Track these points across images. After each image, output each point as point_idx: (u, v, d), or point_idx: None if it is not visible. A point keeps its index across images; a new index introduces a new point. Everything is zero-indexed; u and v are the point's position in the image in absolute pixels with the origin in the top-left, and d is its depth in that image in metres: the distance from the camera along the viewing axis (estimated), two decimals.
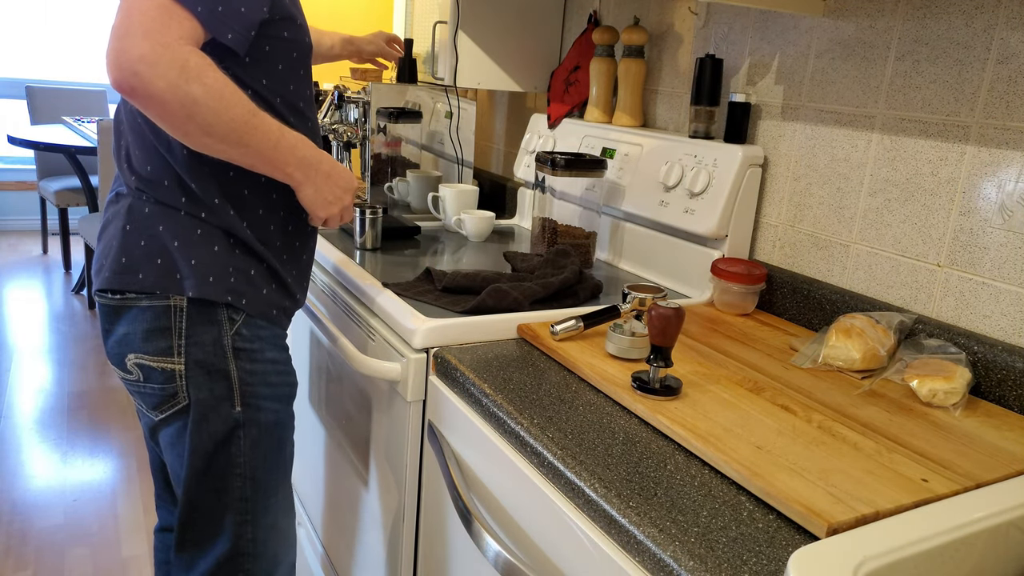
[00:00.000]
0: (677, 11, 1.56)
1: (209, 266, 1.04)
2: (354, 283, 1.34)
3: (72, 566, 2.01)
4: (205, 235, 1.05)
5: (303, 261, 1.18)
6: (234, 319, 1.06)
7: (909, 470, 0.80)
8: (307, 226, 1.17)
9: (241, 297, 1.06)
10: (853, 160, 1.22)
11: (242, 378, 1.08)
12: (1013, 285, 1.02)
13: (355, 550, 1.41)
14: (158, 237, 1.04)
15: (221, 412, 1.07)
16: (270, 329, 1.11)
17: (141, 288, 1.03)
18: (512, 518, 0.91)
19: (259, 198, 1.09)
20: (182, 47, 0.90)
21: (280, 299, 1.12)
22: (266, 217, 1.10)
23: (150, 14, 0.88)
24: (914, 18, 1.12)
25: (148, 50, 0.87)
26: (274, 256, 1.11)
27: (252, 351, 1.09)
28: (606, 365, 1.02)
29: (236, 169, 1.05)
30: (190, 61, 0.90)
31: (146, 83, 0.88)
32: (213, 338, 1.05)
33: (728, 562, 0.66)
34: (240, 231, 1.06)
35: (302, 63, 1.09)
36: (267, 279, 1.10)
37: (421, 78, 2.15)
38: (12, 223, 5.25)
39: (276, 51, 1.04)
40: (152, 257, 1.03)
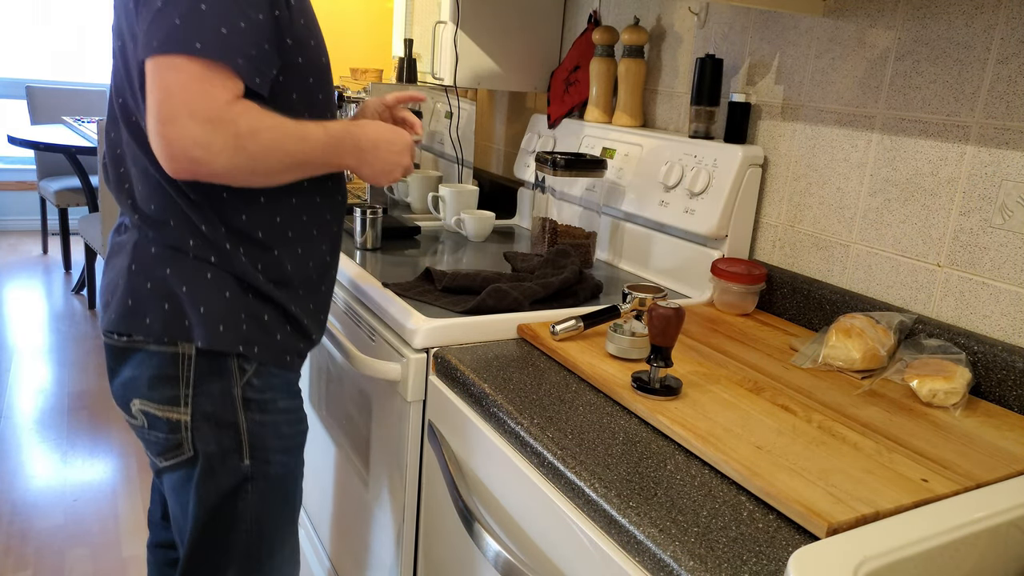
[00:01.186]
0: (677, 11, 1.56)
1: (219, 314, 0.98)
2: (354, 283, 1.34)
3: (72, 566, 2.01)
4: (215, 280, 0.98)
5: (322, 294, 1.11)
6: (245, 369, 1.00)
7: (909, 470, 0.80)
8: (327, 256, 1.10)
9: (253, 346, 1.00)
10: (853, 160, 1.22)
11: (252, 430, 1.02)
12: (1013, 285, 1.02)
13: (355, 550, 1.41)
14: (165, 281, 0.98)
15: (228, 465, 1.02)
16: (283, 376, 1.06)
17: (148, 333, 0.98)
18: (512, 518, 0.91)
19: (274, 238, 1.02)
20: (229, 113, 0.86)
21: (295, 342, 1.06)
22: (282, 256, 1.03)
23: (192, 88, 0.84)
24: (914, 18, 1.12)
25: (200, 133, 0.84)
26: (290, 297, 1.04)
27: (263, 402, 1.03)
28: (606, 365, 1.02)
29: (248, 210, 0.99)
30: (241, 127, 0.87)
31: (206, 165, 0.86)
32: (222, 389, 0.99)
33: (728, 562, 0.66)
34: (251, 276, 1.00)
35: (320, 87, 1.02)
36: (281, 323, 1.04)
37: (421, 78, 2.15)
38: (12, 223, 5.25)
39: (290, 81, 0.98)
40: (159, 301, 0.98)
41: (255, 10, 0.88)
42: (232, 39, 0.86)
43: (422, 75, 2.12)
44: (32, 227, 5.30)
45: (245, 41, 0.87)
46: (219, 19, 0.85)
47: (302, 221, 1.04)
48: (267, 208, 1.00)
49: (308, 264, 1.06)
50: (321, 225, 1.08)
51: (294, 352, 1.06)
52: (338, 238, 1.13)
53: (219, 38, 0.85)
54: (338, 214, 1.12)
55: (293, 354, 1.06)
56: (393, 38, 2.35)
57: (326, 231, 1.09)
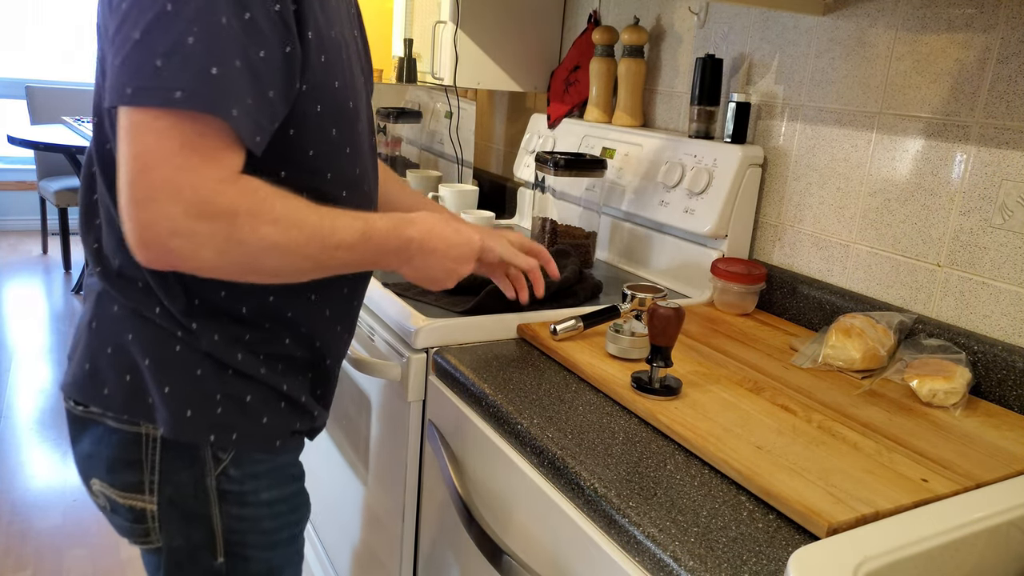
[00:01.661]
0: (677, 11, 1.56)
1: (187, 396, 0.80)
2: None
3: (71, 567, 2.01)
4: (185, 354, 0.81)
5: (326, 367, 0.93)
6: (220, 457, 0.84)
7: (909, 470, 0.80)
8: (340, 331, 0.92)
9: (230, 432, 0.83)
10: (853, 160, 1.22)
11: (227, 525, 0.86)
12: (1013, 285, 1.02)
13: (355, 550, 1.41)
14: (126, 349, 0.81)
15: (200, 562, 0.87)
16: (270, 462, 0.88)
17: (107, 407, 0.82)
18: (512, 518, 0.91)
19: (265, 315, 0.84)
20: (223, 197, 0.67)
21: (288, 423, 0.88)
22: (274, 331, 0.85)
23: (174, 162, 0.65)
24: (914, 18, 1.12)
25: (182, 221, 0.66)
26: (281, 376, 0.86)
27: (242, 494, 0.86)
28: (606, 365, 1.02)
29: (229, 286, 0.81)
30: (239, 213, 0.68)
31: (187, 260, 0.68)
32: (193, 479, 0.83)
33: (728, 562, 0.66)
34: (228, 356, 0.82)
35: (347, 139, 0.82)
36: (269, 404, 0.86)
37: (421, 78, 2.15)
38: (12, 223, 5.25)
39: (303, 134, 0.78)
40: (120, 372, 0.81)
41: (257, 46, 0.68)
42: (224, 83, 0.66)
43: (422, 75, 2.12)
44: (32, 227, 5.30)
45: (241, 86, 0.67)
46: (209, 56, 0.65)
47: (308, 300, 0.87)
48: (255, 284, 0.82)
49: (314, 343, 0.89)
50: (334, 300, 0.90)
51: (286, 434, 0.88)
52: (356, 311, 0.95)
53: (207, 81, 0.65)
54: (358, 285, 0.94)
55: (285, 436, 0.88)
56: (393, 38, 2.35)
57: (340, 306, 0.91)
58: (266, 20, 0.69)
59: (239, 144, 0.69)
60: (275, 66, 0.70)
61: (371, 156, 0.91)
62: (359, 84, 0.85)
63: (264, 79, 0.69)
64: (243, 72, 0.67)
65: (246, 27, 0.67)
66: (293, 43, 0.71)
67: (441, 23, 1.84)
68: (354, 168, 0.85)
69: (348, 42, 0.83)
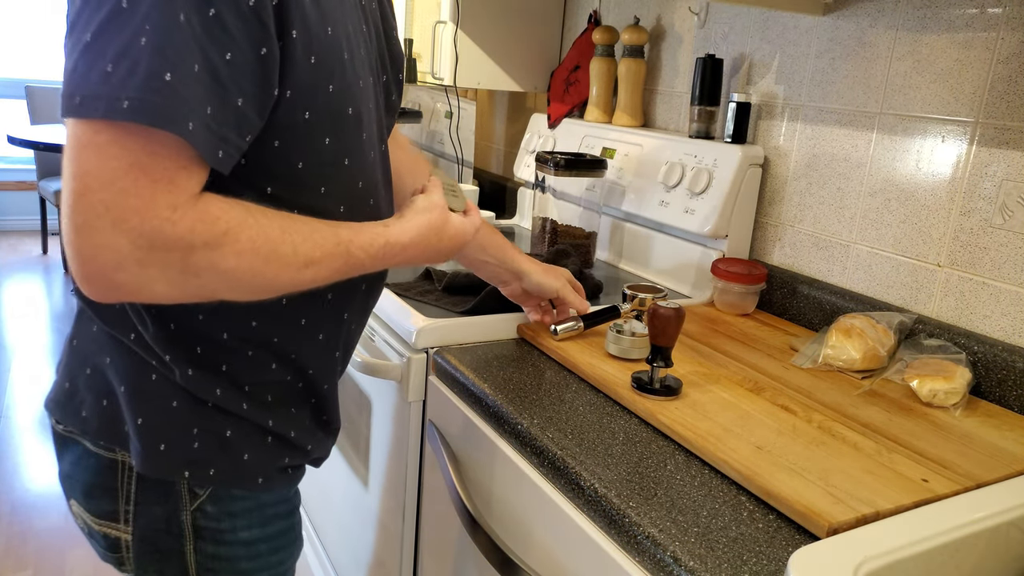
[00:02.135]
0: (677, 11, 1.56)
1: (161, 429, 0.74)
2: None
3: (72, 566, 2.01)
4: (159, 384, 0.74)
5: (323, 392, 0.85)
6: (196, 492, 0.78)
7: (909, 470, 0.80)
8: (336, 353, 0.84)
9: (206, 468, 0.76)
10: (853, 160, 1.22)
11: (201, 563, 0.80)
12: (1013, 285, 1.02)
13: (355, 550, 1.41)
14: (103, 372, 0.76)
15: None
16: (251, 500, 0.81)
17: (84, 430, 0.78)
18: (512, 518, 0.91)
19: (248, 340, 0.75)
20: (177, 224, 0.59)
21: (274, 459, 0.81)
22: (259, 357, 0.77)
23: (117, 184, 0.56)
24: (914, 18, 1.12)
25: (127, 252, 0.58)
26: (267, 411, 0.79)
27: (219, 532, 0.80)
28: (606, 365, 1.02)
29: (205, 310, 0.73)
30: (195, 246, 0.60)
31: (137, 293, 0.61)
32: (167, 514, 0.78)
33: (728, 562, 0.66)
34: (204, 390, 0.74)
35: (345, 147, 0.73)
36: (252, 439, 0.78)
37: (421, 78, 2.15)
38: (12, 223, 5.25)
39: (290, 145, 0.69)
40: (97, 395, 0.77)
41: (222, 48, 0.59)
42: (179, 91, 0.57)
43: (422, 75, 2.12)
44: (32, 227, 5.30)
45: (199, 94, 0.58)
46: (161, 59, 0.56)
47: (299, 326, 0.79)
48: (234, 308, 0.73)
49: (307, 370, 0.81)
50: (327, 321, 0.81)
51: (271, 471, 0.81)
52: (355, 333, 0.88)
53: (158, 89, 0.56)
54: (354, 303, 0.84)
55: (270, 473, 0.81)
56: None
57: (335, 326, 0.82)
58: (235, 18, 0.60)
59: (199, 162, 0.60)
60: (245, 71, 0.61)
61: (381, 166, 0.83)
62: (366, 86, 0.76)
63: (230, 86, 0.61)
64: (202, 78, 0.58)
65: (209, 26, 0.58)
66: (270, 44, 0.62)
67: (441, 23, 1.84)
68: (355, 182, 0.76)
69: (354, 40, 0.74)
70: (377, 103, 0.81)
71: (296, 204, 0.71)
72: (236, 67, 0.60)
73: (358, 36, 0.75)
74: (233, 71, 0.60)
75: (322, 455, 0.89)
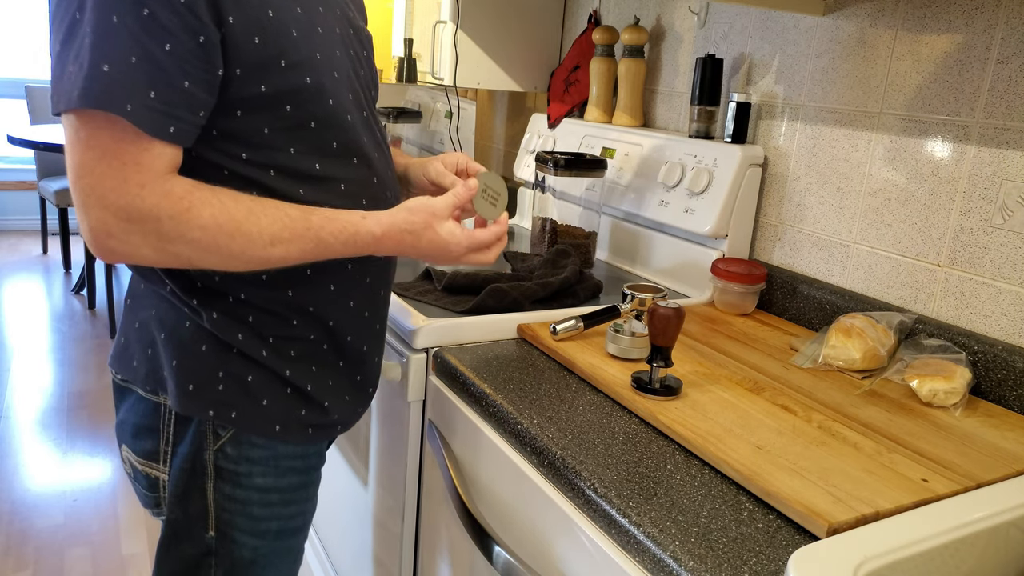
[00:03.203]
0: (677, 11, 1.56)
1: (191, 372, 0.84)
2: None
3: (72, 566, 2.01)
4: (192, 330, 0.84)
5: (353, 350, 0.92)
6: (219, 433, 0.86)
7: (909, 470, 0.80)
8: (360, 314, 0.92)
9: (229, 410, 0.85)
10: (853, 160, 1.22)
11: (218, 502, 0.88)
12: (1013, 285, 1.02)
13: (355, 550, 1.41)
14: (148, 323, 0.87)
15: (194, 534, 0.89)
16: (269, 449, 0.89)
17: (135, 377, 0.88)
18: (512, 518, 0.91)
19: (265, 298, 0.85)
20: (145, 199, 0.71)
21: (291, 410, 0.89)
22: (281, 314, 0.86)
23: (97, 171, 0.70)
24: (914, 18, 1.12)
25: (112, 223, 0.71)
26: (286, 362, 0.87)
27: (236, 474, 0.88)
28: (606, 365, 1.02)
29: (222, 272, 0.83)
30: (162, 218, 0.72)
31: (130, 256, 0.73)
32: (193, 452, 0.87)
33: (728, 562, 0.66)
34: (229, 335, 0.84)
35: (308, 112, 0.81)
36: (272, 387, 0.87)
37: (421, 78, 2.15)
38: (12, 223, 5.25)
39: (253, 113, 0.78)
40: (144, 345, 0.87)
41: (160, 40, 0.69)
42: (116, 79, 0.68)
43: (422, 75, 2.12)
44: (32, 227, 5.30)
45: (139, 80, 0.69)
46: (99, 54, 0.67)
47: (305, 275, 0.86)
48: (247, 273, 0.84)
49: (327, 322, 0.89)
50: (341, 278, 0.89)
51: (292, 423, 0.89)
52: (373, 288, 0.94)
53: (98, 78, 0.67)
54: (367, 263, 0.92)
55: (289, 424, 0.89)
56: (393, 38, 2.35)
57: (347, 282, 0.90)
58: (169, 14, 0.69)
59: (161, 143, 0.72)
60: (187, 57, 0.71)
61: (367, 130, 0.89)
62: (330, 58, 0.83)
63: (173, 71, 0.70)
64: (140, 67, 0.68)
65: (145, 23, 0.68)
66: (207, 32, 0.71)
67: (441, 23, 1.84)
68: (328, 143, 0.84)
69: (314, 18, 0.82)
70: (354, 73, 0.89)
71: (272, 165, 0.81)
72: (177, 55, 0.70)
73: (313, 15, 0.82)
74: (175, 59, 0.70)
75: (345, 419, 0.95)
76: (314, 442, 0.93)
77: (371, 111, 0.93)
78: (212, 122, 0.77)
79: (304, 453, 0.93)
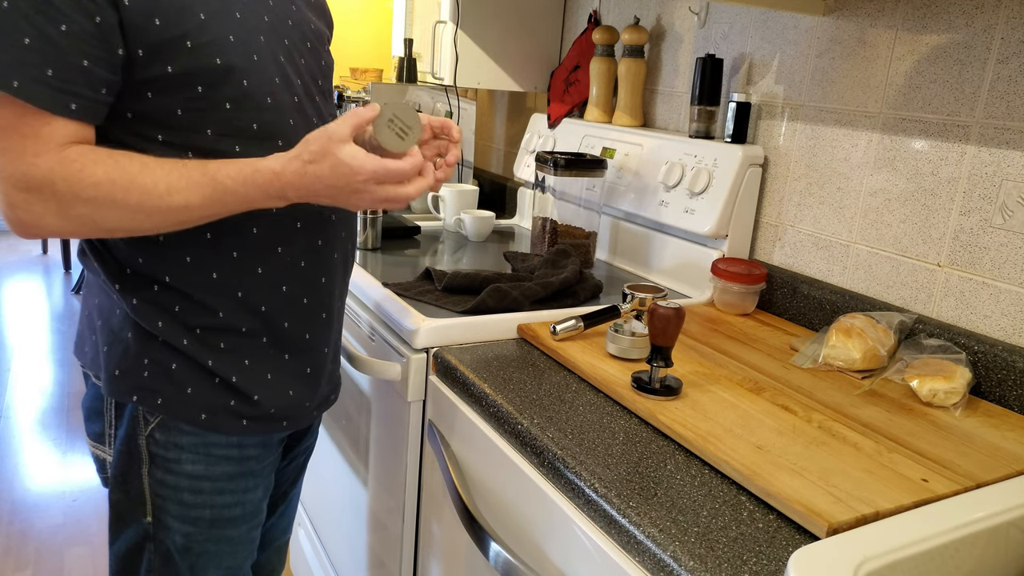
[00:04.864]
0: (677, 11, 1.56)
1: (118, 357, 0.87)
2: (354, 283, 1.34)
3: (72, 566, 2.01)
4: (121, 317, 0.87)
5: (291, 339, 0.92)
6: (148, 419, 0.88)
7: (909, 470, 0.80)
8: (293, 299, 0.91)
9: (154, 396, 0.87)
10: (853, 160, 1.22)
11: (152, 488, 0.90)
12: (1013, 285, 1.02)
13: (355, 550, 1.41)
14: (92, 312, 0.91)
15: (135, 518, 0.91)
16: (199, 436, 0.89)
17: (85, 364, 0.93)
18: (512, 518, 0.91)
19: (188, 281, 0.85)
20: (38, 167, 0.74)
21: (218, 399, 0.89)
22: (208, 305, 0.86)
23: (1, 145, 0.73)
24: (914, 18, 1.12)
25: (13, 194, 0.74)
26: (209, 351, 0.87)
27: (166, 460, 0.89)
28: (606, 365, 1.02)
29: (145, 252, 0.84)
30: (57, 184, 0.74)
31: (36, 227, 0.76)
32: (128, 435, 0.89)
33: (728, 562, 0.66)
34: (149, 324, 0.85)
35: (221, 93, 0.81)
36: (195, 376, 0.87)
37: (421, 78, 2.15)
38: None
39: (166, 95, 0.79)
40: (90, 332, 0.91)
41: (54, 21, 0.72)
42: (6, 59, 0.71)
43: (422, 75, 2.12)
44: None
45: (33, 59, 0.71)
46: None
47: (232, 259, 0.87)
48: (170, 247, 0.84)
49: (259, 308, 0.89)
50: (271, 261, 0.89)
51: (219, 412, 0.89)
52: (314, 276, 0.93)
53: None
54: (298, 245, 0.91)
55: (217, 413, 0.89)
56: (393, 38, 2.35)
57: (281, 268, 0.90)
58: None
59: (63, 120, 0.74)
60: (84, 37, 0.73)
61: (297, 114, 0.88)
62: (248, 41, 0.83)
63: (70, 51, 0.72)
64: (35, 48, 0.71)
65: (38, 5, 0.71)
66: (103, 13, 0.73)
67: (441, 23, 1.84)
68: (248, 124, 0.83)
69: (231, 4, 0.82)
70: (285, 58, 0.88)
71: (189, 147, 0.82)
72: (73, 35, 0.72)
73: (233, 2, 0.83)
74: (71, 39, 0.72)
75: (289, 413, 0.94)
76: (253, 434, 0.92)
77: (310, 99, 0.92)
78: (126, 105, 0.78)
79: (240, 443, 0.92)
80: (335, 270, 0.96)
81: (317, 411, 1.00)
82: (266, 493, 0.99)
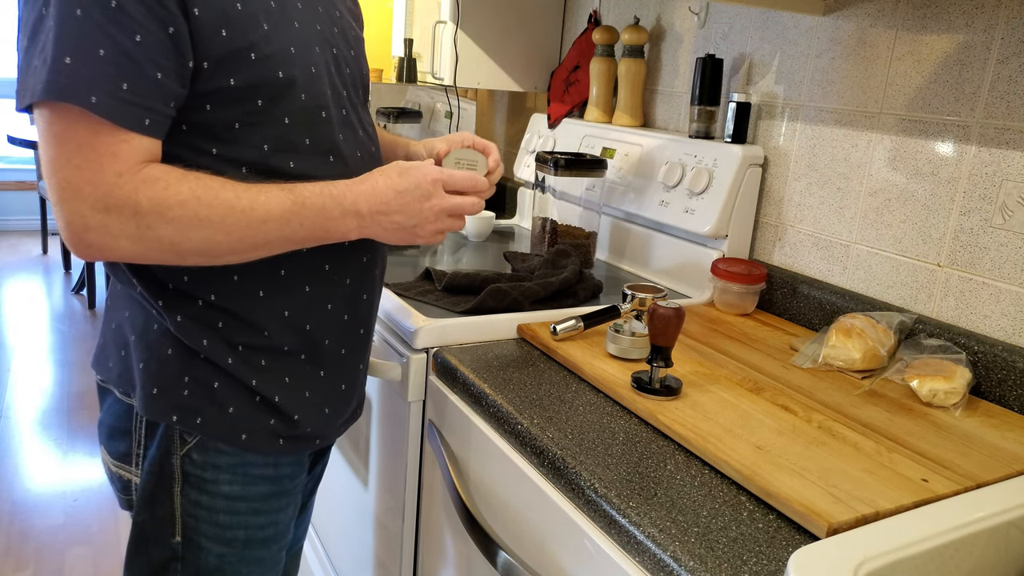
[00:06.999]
0: (677, 11, 1.56)
1: (157, 375, 0.83)
2: None
3: (72, 566, 2.01)
4: (160, 333, 0.83)
5: (329, 357, 0.91)
6: (186, 439, 0.85)
7: (909, 470, 0.80)
8: (339, 318, 0.90)
9: (194, 416, 0.84)
10: (853, 160, 1.22)
11: (185, 508, 0.87)
12: (1013, 285, 1.02)
13: (355, 550, 1.41)
14: (122, 325, 0.86)
15: (160, 538, 0.88)
16: (237, 456, 0.87)
17: (109, 378, 0.88)
18: (512, 518, 0.91)
19: (234, 299, 0.83)
20: (123, 187, 0.70)
21: (259, 419, 0.87)
22: (254, 323, 0.84)
23: (73, 162, 0.69)
24: (914, 18, 1.12)
25: (89, 214, 0.70)
26: (253, 371, 0.85)
27: (203, 480, 0.86)
28: (606, 365, 1.02)
29: (191, 270, 0.82)
30: (141, 204, 0.71)
31: (108, 250, 0.72)
32: (161, 455, 0.85)
33: (728, 562, 0.66)
34: (194, 341, 0.82)
35: (280, 107, 0.80)
36: (238, 395, 0.85)
37: (421, 78, 2.15)
38: (12, 223, 5.25)
39: (223, 107, 0.77)
40: (118, 347, 0.87)
41: (129, 32, 0.69)
42: (79, 71, 0.67)
43: (422, 75, 2.12)
44: (32, 227, 5.30)
45: (107, 73, 0.68)
46: (62, 48, 0.67)
47: (279, 276, 0.85)
48: (217, 267, 0.81)
49: (303, 327, 0.87)
50: (318, 280, 0.88)
51: (259, 432, 0.87)
52: (357, 294, 0.92)
53: (60, 71, 0.67)
54: (346, 263, 0.90)
55: (257, 433, 0.87)
56: (393, 38, 2.35)
57: (328, 287, 0.89)
58: (136, 4, 0.69)
59: (138, 136, 0.71)
60: (158, 48, 0.70)
61: (345, 128, 0.88)
62: (307, 54, 0.82)
63: (145, 63, 0.70)
64: (109, 60, 0.68)
65: (112, 16, 0.68)
66: (176, 22, 0.71)
67: (441, 23, 1.84)
68: (301, 139, 0.82)
69: (290, 12, 0.81)
70: (336, 70, 0.87)
71: (243, 162, 0.80)
72: (148, 46, 0.70)
73: (290, 10, 0.81)
74: (146, 50, 0.70)
75: (322, 432, 0.93)
76: (286, 453, 0.91)
77: (355, 111, 0.91)
78: (182, 115, 0.76)
79: (276, 462, 0.90)
80: (376, 286, 0.96)
81: (344, 426, 0.99)
82: (295, 512, 0.97)
